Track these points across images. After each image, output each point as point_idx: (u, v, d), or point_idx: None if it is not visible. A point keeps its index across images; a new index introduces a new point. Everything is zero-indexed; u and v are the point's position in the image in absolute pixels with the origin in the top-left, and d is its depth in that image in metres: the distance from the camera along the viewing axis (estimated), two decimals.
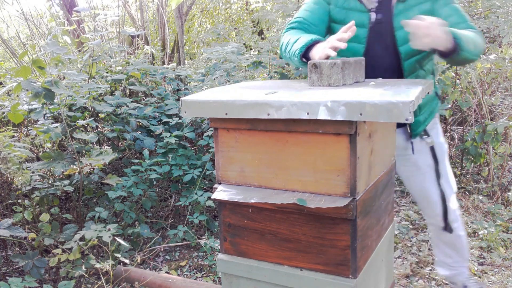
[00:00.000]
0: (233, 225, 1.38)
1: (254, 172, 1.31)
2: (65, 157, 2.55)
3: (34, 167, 2.47)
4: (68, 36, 4.43)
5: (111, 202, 2.82)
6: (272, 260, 1.34)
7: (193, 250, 2.90)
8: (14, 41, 5.96)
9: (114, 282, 2.31)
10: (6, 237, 2.25)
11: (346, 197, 1.18)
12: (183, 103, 1.33)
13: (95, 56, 3.30)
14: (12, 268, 2.49)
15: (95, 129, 3.40)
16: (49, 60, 2.64)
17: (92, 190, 2.98)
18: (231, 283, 1.42)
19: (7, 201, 2.81)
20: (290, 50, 1.61)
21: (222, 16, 9.31)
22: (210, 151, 3.25)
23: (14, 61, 4.78)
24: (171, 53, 6.22)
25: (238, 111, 1.23)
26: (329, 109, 1.09)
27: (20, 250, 2.62)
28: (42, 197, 2.63)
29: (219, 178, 1.38)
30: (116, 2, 5.94)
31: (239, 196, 1.29)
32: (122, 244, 2.35)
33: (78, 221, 2.73)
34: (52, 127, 2.56)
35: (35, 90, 2.28)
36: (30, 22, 5.33)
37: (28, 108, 2.66)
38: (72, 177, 2.82)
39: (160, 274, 2.35)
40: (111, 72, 3.51)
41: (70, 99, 2.97)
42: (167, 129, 3.22)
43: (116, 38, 5.30)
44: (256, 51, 5.13)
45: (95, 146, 3.07)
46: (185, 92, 3.72)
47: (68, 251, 2.33)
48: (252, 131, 1.29)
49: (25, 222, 2.52)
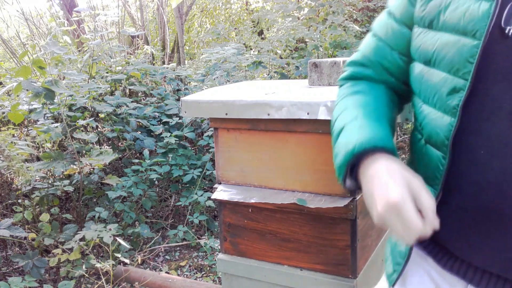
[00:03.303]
0: (233, 225, 1.38)
1: (254, 172, 1.31)
2: (65, 157, 2.55)
3: (34, 167, 2.47)
4: (68, 36, 4.43)
5: (111, 202, 2.82)
6: (272, 260, 1.34)
7: (193, 250, 2.90)
8: (14, 41, 5.96)
9: (114, 282, 2.31)
10: (6, 237, 2.25)
11: (346, 197, 1.18)
12: (183, 103, 1.33)
13: (95, 56, 3.30)
14: (12, 268, 2.49)
15: (95, 129, 3.40)
16: (49, 60, 2.64)
17: (92, 190, 2.98)
18: (231, 283, 1.42)
19: (7, 201, 2.81)
20: (335, 147, 0.83)
21: (222, 16, 9.31)
22: (210, 151, 3.25)
23: (14, 61, 4.78)
24: (171, 53, 6.22)
25: (238, 111, 1.23)
26: (329, 109, 1.09)
27: (20, 250, 2.62)
28: (42, 197, 2.63)
29: (219, 178, 1.38)
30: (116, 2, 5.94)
31: (239, 196, 1.29)
32: (122, 244, 2.34)
33: (78, 221, 2.73)
34: (52, 127, 2.56)
35: (35, 90, 2.28)
36: (30, 22, 5.33)
37: (28, 108, 2.67)
38: (72, 177, 2.82)
39: (160, 274, 2.35)
40: (111, 72, 3.51)
41: (70, 99, 2.97)
42: (167, 129, 3.22)
43: (116, 38, 5.30)
44: (256, 51, 5.13)
45: (95, 146, 3.07)
46: (185, 92, 3.72)
47: (68, 251, 2.33)
48: (252, 131, 1.28)
49: (25, 222, 2.52)
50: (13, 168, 2.35)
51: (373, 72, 0.91)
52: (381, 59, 0.89)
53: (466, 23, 0.69)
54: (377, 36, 0.90)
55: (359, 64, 0.93)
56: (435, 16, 0.75)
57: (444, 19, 0.73)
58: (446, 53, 0.71)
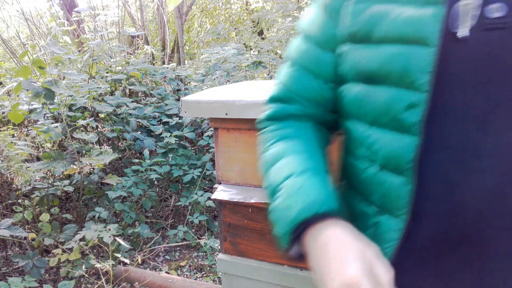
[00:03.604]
0: (233, 225, 1.38)
1: (254, 172, 1.31)
2: (65, 157, 2.55)
3: (34, 167, 2.47)
4: (68, 36, 4.43)
5: (111, 202, 2.82)
6: (272, 260, 1.34)
7: (193, 250, 2.90)
8: (14, 41, 5.96)
9: (114, 282, 2.31)
10: (6, 237, 2.25)
11: None
12: (183, 103, 1.33)
13: (95, 56, 3.30)
14: (12, 268, 2.49)
15: (95, 129, 3.40)
16: (49, 60, 2.64)
17: (92, 190, 2.98)
18: (231, 283, 1.42)
19: (7, 201, 2.81)
20: (273, 211, 0.71)
21: (222, 16, 9.32)
22: (210, 151, 3.25)
23: (14, 61, 4.78)
24: (171, 53, 6.22)
25: (238, 111, 1.23)
26: None
27: (20, 250, 2.62)
28: (42, 197, 2.63)
29: (219, 178, 1.38)
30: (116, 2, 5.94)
31: (239, 196, 1.29)
32: (122, 244, 2.35)
33: (78, 221, 2.73)
34: (52, 127, 2.57)
35: (35, 90, 2.28)
36: (30, 22, 5.33)
37: (28, 108, 2.67)
38: (72, 177, 2.82)
39: (160, 274, 2.35)
40: (111, 72, 3.51)
41: (70, 99, 2.97)
42: (167, 129, 3.22)
43: (116, 38, 5.30)
44: (256, 51, 5.13)
45: (95, 146, 3.07)
46: (185, 92, 3.72)
47: (68, 251, 2.33)
48: (252, 131, 1.29)
49: (25, 222, 2.52)
50: (12, 168, 2.35)
51: (298, 108, 0.80)
52: (305, 90, 0.78)
53: (414, 31, 0.62)
54: (297, 65, 0.79)
55: (281, 100, 0.82)
56: (369, 29, 0.66)
57: (383, 31, 0.65)
58: (394, 67, 0.63)
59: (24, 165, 2.41)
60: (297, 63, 0.79)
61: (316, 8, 0.78)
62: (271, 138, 0.79)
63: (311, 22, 0.78)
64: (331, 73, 0.75)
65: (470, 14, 0.59)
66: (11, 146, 2.42)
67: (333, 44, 0.73)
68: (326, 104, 0.78)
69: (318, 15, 0.76)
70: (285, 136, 0.78)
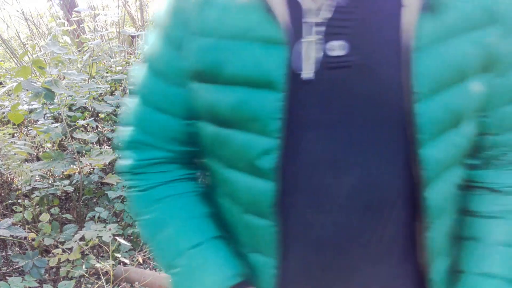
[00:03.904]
0: None
1: None
2: (65, 157, 2.55)
3: (34, 167, 2.47)
4: (68, 36, 4.44)
5: (111, 202, 2.82)
6: None
7: None
8: (14, 41, 5.97)
9: (114, 282, 2.31)
10: (6, 237, 2.25)
11: None
12: None
13: (95, 56, 3.30)
14: (12, 268, 2.49)
15: (95, 129, 3.40)
16: (49, 60, 2.64)
17: (92, 190, 2.98)
18: None
19: (7, 201, 2.81)
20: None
21: None
22: None
23: (14, 61, 4.78)
24: None
25: None
26: None
27: (20, 250, 2.62)
28: (42, 197, 2.63)
29: None
30: (116, 2, 5.95)
31: None
32: (122, 244, 2.35)
33: (78, 221, 2.73)
34: (52, 127, 2.57)
35: (35, 90, 2.29)
36: (30, 22, 5.34)
37: (28, 108, 2.67)
38: (72, 177, 2.82)
39: (160, 274, 2.35)
40: (111, 72, 3.51)
41: (70, 99, 2.97)
42: None
43: (116, 38, 5.30)
44: None
45: (95, 146, 3.07)
46: None
47: (68, 251, 2.33)
48: None
49: (25, 222, 2.52)
50: (10, 167, 2.35)
51: (161, 153, 0.72)
52: (164, 132, 0.70)
53: (261, 74, 0.57)
54: (149, 105, 0.71)
55: (140, 146, 0.72)
56: (216, 70, 0.61)
57: (230, 72, 0.60)
58: (245, 112, 0.59)
59: (23, 165, 2.41)
60: (148, 102, 0.71)
61: (158, 36, 0.68)
62: (146, 200, 0.73)
63: (156, 53, 0.69)
64: (186, 110, 0.68)
65: (313, 53, 0.56)
66: (10, 145, 2.42)
67: (182, 78, 0.66)
68: (190, 140, 0.71)
69: (162, 46, 0.67)
70: (160, 198, 0.72)
